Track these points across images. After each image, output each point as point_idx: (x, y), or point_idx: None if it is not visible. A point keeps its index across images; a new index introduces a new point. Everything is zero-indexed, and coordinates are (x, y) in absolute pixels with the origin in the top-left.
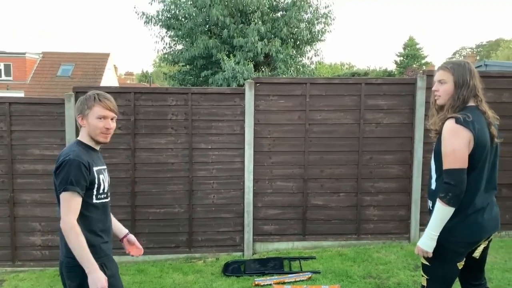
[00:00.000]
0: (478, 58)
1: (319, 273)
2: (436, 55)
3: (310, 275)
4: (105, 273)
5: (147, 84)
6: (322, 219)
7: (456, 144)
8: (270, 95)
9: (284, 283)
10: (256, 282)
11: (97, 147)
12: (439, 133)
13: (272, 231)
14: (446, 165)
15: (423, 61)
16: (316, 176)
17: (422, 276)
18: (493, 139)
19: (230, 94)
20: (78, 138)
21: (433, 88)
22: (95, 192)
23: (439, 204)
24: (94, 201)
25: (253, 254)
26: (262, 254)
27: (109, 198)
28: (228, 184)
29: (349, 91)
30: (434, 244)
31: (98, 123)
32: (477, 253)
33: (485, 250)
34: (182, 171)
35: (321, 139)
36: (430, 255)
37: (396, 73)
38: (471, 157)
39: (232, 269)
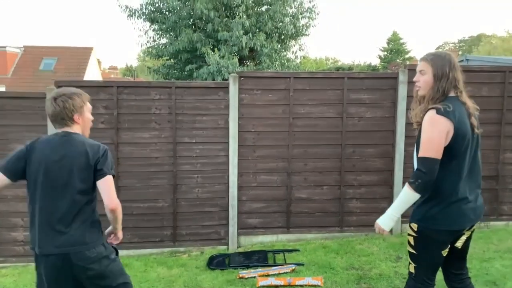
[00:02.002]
0: (460, 53)
1: (303, 265)
2: (419, 50)
3: (294, 267)
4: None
5: (132, 78)
6: (306, 212)
7: (434, 133)
8: (254, 89)
9: (268, 275)
10: (241, 275)
11: None
12: (420, 124)
13: (256, 224)
14: (420, 153)
15: (406, 56)
16: (300, 170)
17: (410, 263)
18: (474, 130)
19: (214, 88)
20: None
21: (414, 79)
22: None
23: (406, 189)
24: None
25: (237, 247)
26: (246, 247)
27: None
28: (212, 178)
29: (332, 85)
30: (393, 224)
31: (90, 117)
32: (459, 243)
33: (468, 240)
34: (166, 165)
35: (305, 133)
36: (387, 233)
37: (380, 67)
38: (452, 146)
39: (216, 263)
